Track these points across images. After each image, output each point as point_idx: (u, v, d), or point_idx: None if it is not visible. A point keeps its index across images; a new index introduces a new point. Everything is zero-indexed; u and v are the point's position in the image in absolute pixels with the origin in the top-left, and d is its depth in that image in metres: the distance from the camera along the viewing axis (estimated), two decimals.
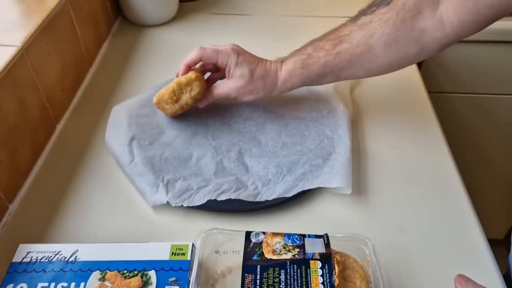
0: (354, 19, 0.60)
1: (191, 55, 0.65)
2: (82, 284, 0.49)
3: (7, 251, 0.53)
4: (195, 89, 0.65)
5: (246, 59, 0.64)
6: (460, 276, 0.44)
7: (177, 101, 0.66)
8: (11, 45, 0.62)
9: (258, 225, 0.56)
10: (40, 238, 0.57)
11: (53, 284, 0.49)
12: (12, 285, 0.49)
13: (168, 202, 0.58)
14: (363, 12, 0.59)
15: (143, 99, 0.74)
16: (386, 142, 0.71)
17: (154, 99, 0.67)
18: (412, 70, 0.86)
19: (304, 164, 0.64)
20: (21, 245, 0.52)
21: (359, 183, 0.64)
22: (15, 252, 0.52)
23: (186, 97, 0.66)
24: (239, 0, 1.08)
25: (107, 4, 0.94)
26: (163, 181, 0.60)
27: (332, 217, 0.60)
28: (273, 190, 0.60)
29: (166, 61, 0.89)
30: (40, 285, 0.49)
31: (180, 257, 0.51)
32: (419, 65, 1.02)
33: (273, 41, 0.94)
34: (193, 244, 0.52)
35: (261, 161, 0.65)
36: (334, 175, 0.61)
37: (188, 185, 0.60)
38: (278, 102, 0.75)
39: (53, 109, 0.72)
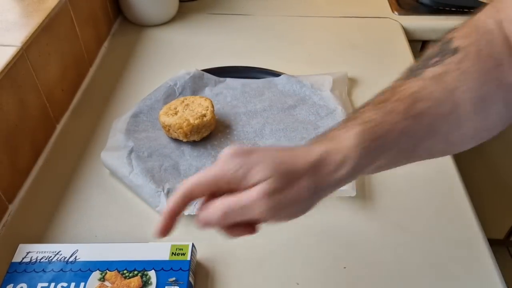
0: (411, 74, 0.42)
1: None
2: (82, 284, 0.49)
3: (7, 251, 0.53)
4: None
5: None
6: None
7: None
8: (11, 45, 0.62)
9: None
10: (40, 238, 0.57)
11: (53, 284, 0.49)
12: (12, 285, 0.49)
13: None
14: (422, 65, 0.42)
15: (139, 112, 0.73)
16: None
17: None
18: None
19: None
20: (21, 245, 0.52)
21: (363, 184, 0.64)
22: (15, 252, 0.52)
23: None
24: (239, 0, 1.08)
25: (107, 4, 0.94)
26: (163, 190, 0.60)
27: (334, 218, 0.60)
28: None
29: (166, 61, 0.89)
30: (40, 285, 0.49)
31: (180, 257, 0.51)
32: None
33: (273, 41, 0.94)
34: (193, 244, 0.52)
35: None
36: None
37: None
38: (275, 106, 0.74)
39: (53, 109, 0.72)
